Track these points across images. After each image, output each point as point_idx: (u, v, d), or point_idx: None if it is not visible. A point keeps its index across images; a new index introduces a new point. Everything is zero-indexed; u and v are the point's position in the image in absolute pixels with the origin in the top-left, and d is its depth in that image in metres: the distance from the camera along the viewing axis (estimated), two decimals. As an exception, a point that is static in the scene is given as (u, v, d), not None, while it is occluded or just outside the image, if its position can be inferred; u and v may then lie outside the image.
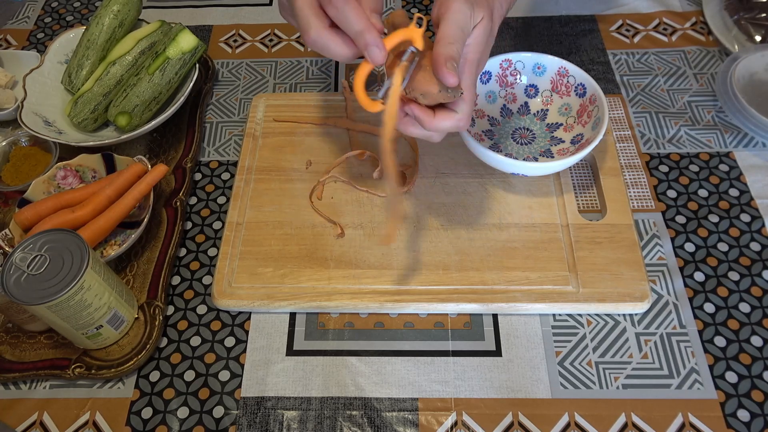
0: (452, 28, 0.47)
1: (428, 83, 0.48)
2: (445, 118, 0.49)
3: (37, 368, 0.58)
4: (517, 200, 0.66)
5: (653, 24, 0.84)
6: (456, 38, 0.47)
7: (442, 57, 0.46)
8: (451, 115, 0.49)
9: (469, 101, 0.50)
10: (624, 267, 0.60)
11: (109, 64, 0.72)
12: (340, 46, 0.47)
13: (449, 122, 0.49)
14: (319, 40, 0.47)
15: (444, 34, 0.47)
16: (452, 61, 0.46)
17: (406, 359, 0.58)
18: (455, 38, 0.47)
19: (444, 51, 0.47)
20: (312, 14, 0.46)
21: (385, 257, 0.63)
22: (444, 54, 0.46)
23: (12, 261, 0.52)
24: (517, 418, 0.55)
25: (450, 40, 0.47)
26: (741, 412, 0.54)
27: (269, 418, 0.55)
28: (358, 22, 0.45)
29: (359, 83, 0.48)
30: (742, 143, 0.71)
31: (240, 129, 0.76)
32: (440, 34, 0.48)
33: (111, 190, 0.63)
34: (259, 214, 0.67)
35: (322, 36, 0.47)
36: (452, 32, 0.47)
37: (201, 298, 0.63)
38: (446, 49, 0.47)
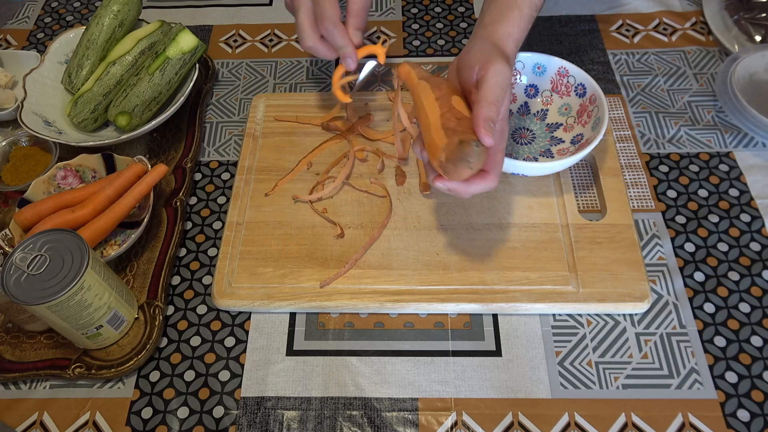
0: (494, 90, 0.50)
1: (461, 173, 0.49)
2: (478, 182, 0.51)
3: (37, 368, 0.58)
4: (517, 200, 0.66)
5: (653, 24, 0.84)
6: (497, 99, 0.50)
7: (481, 118, 0.48)
8: (484, 177, 0.51)
9: (501, 162, 0.52)
10: (624, 267, 0.60)
11: (109, 64, 0.72)
12: (327, 52, 0.65)
13: (482, 185, 0.51)
14: (313, 47, 0.65)
15: (485, 96, 0.50)
16: (491, 122, 0.48)
17: (406, 359, 0.58)
18: (496, 99, 0.50)
19: (484, 112, 0.49)
20: (309, 28, 0.63)
21: (385, 257, 0.63)
22: (484, 115, 0.48)
23: (12, 261, 0.52)
24: (517, 418, 0.55)
25: (491, 101, 0.49)
26: (741, 412, 0.54)
27: (269, 418, 0.55)
28: (341, 39, 0.62)
29: (336, 79, 0.66)
30: (742, 143, 0.71)
31: (240, 129, 0.77)
32: (482, 94, 0.50)
33: (111, 190, 0.63)
34: (259, 214, 0.67)
35: (315, 45, 0.64)
36: (493, 94, 0.50)
37: (201, 298, 0.63)
38: (486, 111, 0.49)
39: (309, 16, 0.63)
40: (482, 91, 0.50)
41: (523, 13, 0.57)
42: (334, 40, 0.62)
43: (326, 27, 0.61)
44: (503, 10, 0.57)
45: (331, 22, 0.61)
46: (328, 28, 0.61)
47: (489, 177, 0.51)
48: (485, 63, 0.51)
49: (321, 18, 0.61)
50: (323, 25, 0.61)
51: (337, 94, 0.66)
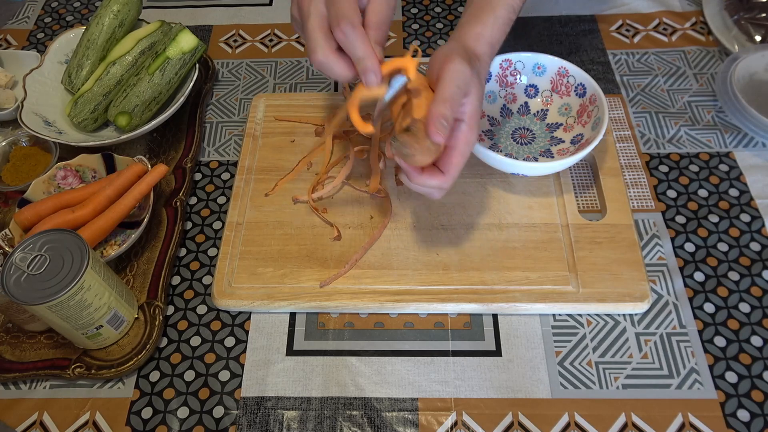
0: (450, 88, 0.49)
1: (414, 147, 0.49)
2: (431, 177, 0.51)
3: (37, 368, 0.58)
4: (517, 200, 0.66)
5: (653, 24, 0.84)
6: (452, 97, 0.48)
7: (434, 115, 0.48)
8: (436, 174, 0.51)
9: (459, 164, 0.51)
10: (624, 267, 0.60)
11: (109, 64, 0.72)
12: (343, 69, 0.50)
13: (435, 181, 0.51)
14: (325, 62, 0.50)
15: (439, 93, 0.49)
16: (443, 121, 0.48)
17: (406, 359, 0.58)
18: (451, 97, 0.48)
19: (437, 109, 0.48)
20: (321, 37, 0.49)
21: (385, 257, 0.63)
22: (436, 112, 0.47)
23: (12, 261, 0.52)
24: (517, 418, 0.55)
25: (445, 98, 0.48)
26: (741, 412, 0.54)
27: (269, 418, 0.55)
28: (361, 48, 0.48)
29: (354, 105, 0.51)
30: (742, 143, 0.71)
31: (240, 129, 0.77)
32: (437, 92, 0.49)
33: (111, 190, 0.63)
34: (259, 214, 0.67)
35: (328, 59, 0.50)
36: (449, 91, 0.48)
37: (201, 298, 0.63)
38: (440, 108, 0.48)
39: (321, 23, 0.49)
40: (438, 89, 0.49)
41: (497, 15, 0.57)
42: (354, 48, 0.48)
43: (343, 30, 0.48)
44: (477, 12, 0.57)
45: (349, 23, 0.47)
46: (346, 31, 0.48)
47: (442, 177, 0.51)
48: (443, 61, 0.50)
49: (337, 19, 0.48)
50: (339, 27, 0.48)
51: (355, 121, 0.51)
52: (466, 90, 0.50)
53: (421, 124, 0.49)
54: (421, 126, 0.49)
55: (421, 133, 0.49)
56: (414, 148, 0.49)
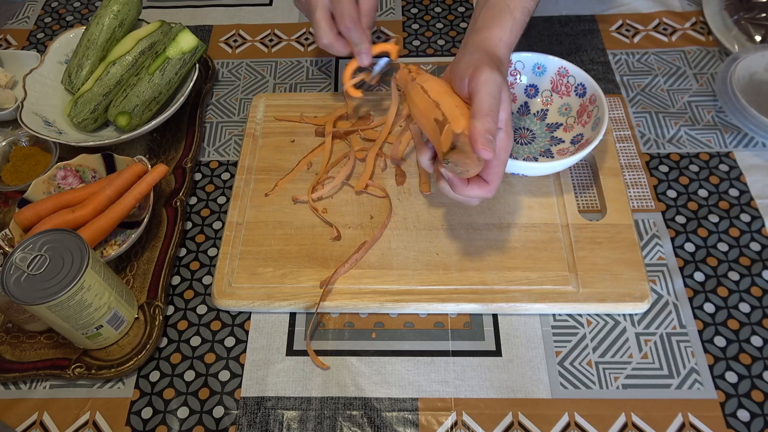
0: (488, 100, 0.49)
1: (466, 163, 0.50)
2: (477, 188, 0.52)
3: (37, 368, 0.58)
4: (517, 200, 0.66)
5: (653, 24, 0.84)
6: (491, 109, 0.49)
7: (478, 132, 0.48)
8: (482, 185, 0.52)
9: (501, 173, 0.52)
10: (624, 267, 0.60)
11: (109, 64, 0.72)
12: (342, 48, 0.67)
13: (480, 191, 0.52)
14: (329, 45, 0.67)
15: (479, 108, 0.49)
16: (489, 135, 0.48)
17: (406, 359, 0.58)
18: (490, 109, 0.49)
19: (480, 126, 0.48)
20: (327, 26, 0.66)
21: (385, 257, 0.63)
22: (480, 129, 0.48)
23: (12, 261, 0.52)
24: (517, 418, 0.55)
25: (485, 112, 0.48)
26: (741, 412, 0.54)
27: (269, 418, 0.55)
28: (358, 36, 0.65)
29: (347, 76, 0.69)
30: (742, 143, 0.71)
31: (240, 129, 0.77)
32: (475, 107, 0.49)
33: (111, 190, 0.63)
34: (259, 214, 0.67)
35: (332, 42, 0.67)
36: (487, 104, 0.49)
37: (201, 298, 0.63)
38: (482, 124, 0.48)
39: (326, 14, 0.65)
40: (475, 104, 0.49)
41: (515, 18, 0.57)
42: (352, 37, 0.65)
43: (347, 25, 0.64)
44: (495, 15, 0.57)
45: (351, 20, 0.64)
46: (349, 26, 0.64)
47: (487, 187, 0.52)
48: (474, 73, 0.51)
49: (341, 17, 0.64)
50: (344, 23, 0.64)
51: (348, 89, 0.69)
52: (501, 98, 0.50)
53: (466, 138, 0.48)
54: (467, 140, 0.48)
55: (468, 147, 0.49)
56: (466, 164, 0.50)
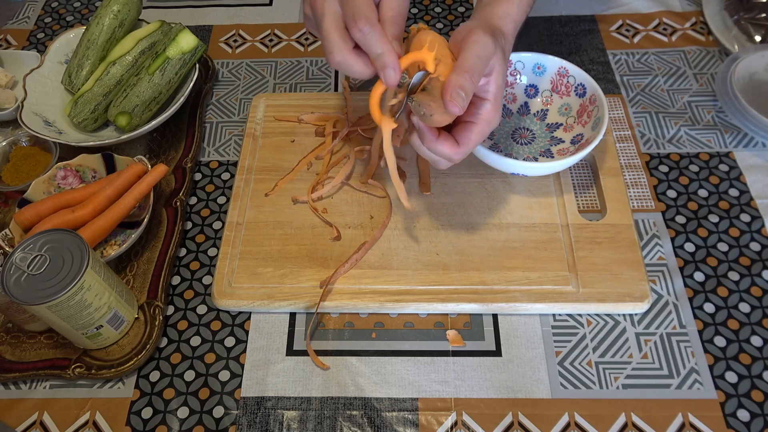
0: (471, 59, 0.48)
1: (431, 106, 0.48)
2: (447, 145, 0.50)
3: (37, 368, 0.58)
4: (517, 200, 0.66)
5: (653, 24, 0.84)
6: (472, 68, 0.47)
7: (451, 84, 0.46)
8: (452, 144, 0.50)
9: (476, 141, 0.50)
10: (624, 267, 0.60)
11: (109, 64, 0.72)
12: (361, 67, 0.49)
13: (449, 151, 0.50)
14: (343, 62, 0.49)
15: (460, 63, 0.48)
16: (460, 90, 0.46)
17: (406, 359, 0.58)
18: (471, 68, 0.47)
19: (455, 79, 0.47)
20: (338, 37, 0.49)
21: (385, 257, 0.63)
22: (455, 82, 0.46)
23: (12, 261, 0.52)
24: (517, 418, 0.55)
25: (465, 69, 0.47)
26: (741, 412, 0.54)
27: (269, 418, 0.55)
28: (379, 44, 0.47)
29: (374, 101, 0.51)
30: (742, 143, 0.71)
31: (240, 129, 0.77)
32: (458, 62, 0.48)
33: (111, 190, 0.63)
34: (259, 214, 0.67)
35: (346, 59, 0.49)
36: (470, 62, 0.47)
37: (201, 298, 0.63)
38: (458, 78, 0.47)
39: (338, 24, 0.49)
40: (459, 59, 0.48)
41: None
42: (371, 45, 0.48)
43: (361, 28, 0.47)
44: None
45: (367, 21, 0.47)
46: (364, 30, 0.47)
47: (456, 148, 0.50)
48: (467, 35, 0.49)
49: (354, 18, 0.47)
50: (357, 26, 0.47)
51: (375, 116, 0.52)
52: (488, 63, 0.49)
53: (438, 83, 0.47)
54: (438, 85, 0.47)
55: (437, 91, 0.47)
56: (431, 107, 0.47)
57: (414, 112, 0.49)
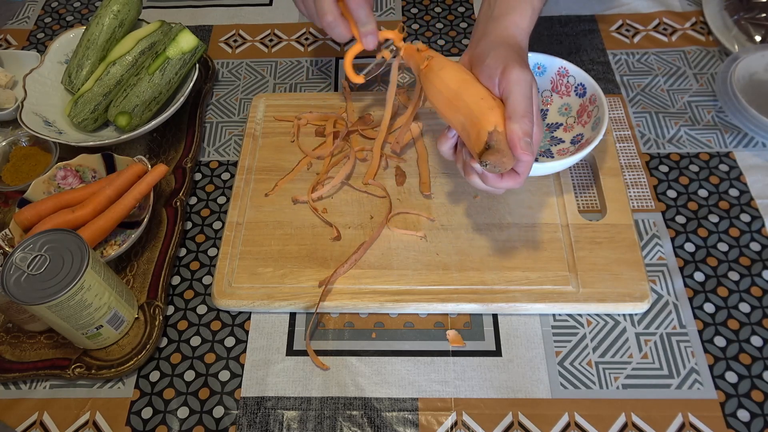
0: (522, 102, 0.49)
1: (503, 162, 0.49)
2: (510, 180, 0.52)
3: (37, 368, 0.58)
4: (517, 200, 0.66)
5: (653, 24, 0.84)
6: (527, 111, 0.49)
7: (517, 136, 0.48)
8: (514, 177, 0.52)
9: (531, 163, 0.51)
10: (624, 267, 0.60)
11: (109, 64, 0.72)
12: (344, 30, 0.61)
13: (512, 183, 0.52)
14: (333, 23, 0.60)
15: (515, 110, 0.49)
16: (527, 138, 0.48)
17: (406, 359, 0.58)
18: (526, 111, 0.49)
19: (518, 129, 0.48)
20: (330, 2, 0.60)
21: (385, 257, 0.63)
22: (518, 132, 0.48)
23: (12, 261, 0.52)
24: (517, 418, 0.55)
25: (522, 114, 0.49)
26: (741, 412, 0.54)
27: (269, 418, 0.55)
28: (366, 17, 0.60)
29: (349, 59, 0.64)
30: (742, 143, 0.71)
31: (240, 129, 0.77)
32: (511, 109, 0.49)
33: (111, 190, 0.63)
34: (259, 214, 0.67)
35: (337, 21, 0.60)
36: (523, 106, 0.49)
37: (201, 298, 0.63)
38: (520, 126, 0.48)
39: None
40: (510, 106, 0.49)
41: (534, 6, 0.57)
42: (359, 18, 0.60)
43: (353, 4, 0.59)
44: (514, 3, 0.57)
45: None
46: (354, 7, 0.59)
47: (518, 178, 0.51)
48: (505, 72, 0.50)
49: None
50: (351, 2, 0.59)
51: (348, 72, 0.64)
52: (532, 97, 0.51)
53: (501, 136, 0.49)
54: (502, 138, 0.49)
55: (503, 144, 0.48)
56: (503, 163, 0.49)
57: (489, 172, 0.51)
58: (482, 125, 0.49)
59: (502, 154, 0.48)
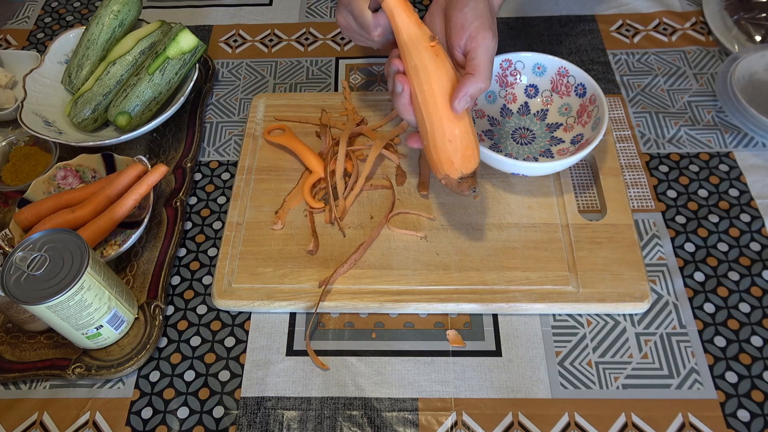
0: (487, 66, 0.53)
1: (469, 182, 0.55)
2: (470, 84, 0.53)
3: (37, 368, 0.58)
4: (517, 200, 0.66)
5: (653, 24, 0.84)
6: (488, 74, 0.53)
7: (463, 92, 0.52)
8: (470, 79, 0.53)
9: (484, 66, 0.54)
10: (624, 267, 0.60)
11: (109, 64, 0.72)
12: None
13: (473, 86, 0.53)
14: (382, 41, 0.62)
15: (479, 70, 0.52)
16: (471, 98, 0.52)
17: (406, 359, 0.58)
18: (488, 75, 0.53)
19: (470, 89, 0.52)
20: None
21: (385, 257, 0.63)
22: (467, 91, 0.52)
23: (12, 261, 0.52)
24: (517, 418, 0.55)
25: (484, 77, 0.52)
26: (741, 412, 0.54)
27: (269, 418, 0.55)
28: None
29: (306, 189, 0.66)
30: (742, 143, 0.71)
31: (240, 129, 0.77)
32: (474, 66, 0.52)
33: (111, 190, 0.63)
34: (259, 214, 0.67)
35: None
36: (485, 68, 0.53)
37: (201, 298, 0.63)
38: (473, 87, 0.52)
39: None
40: (475, 65, 0.53)
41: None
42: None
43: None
44: None
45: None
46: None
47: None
48: (478, 31, 0.53)
49: None
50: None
51: (309, 201, 0.66)
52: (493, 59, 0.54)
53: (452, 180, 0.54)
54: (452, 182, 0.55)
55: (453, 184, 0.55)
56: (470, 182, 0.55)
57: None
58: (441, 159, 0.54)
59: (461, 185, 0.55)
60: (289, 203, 0.67)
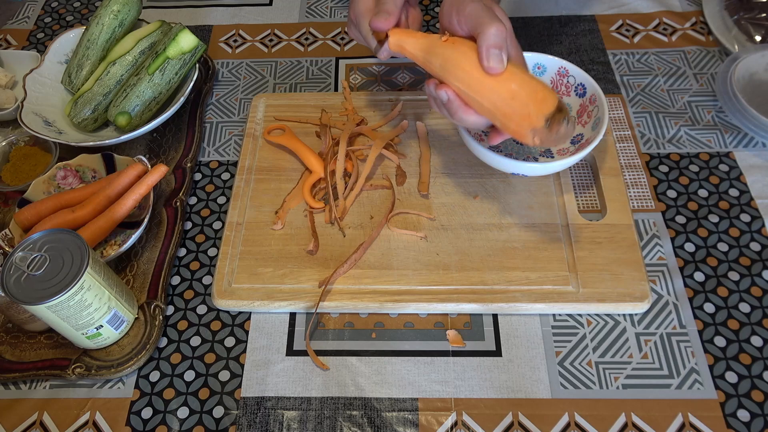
0: (489, 15, 0.51)
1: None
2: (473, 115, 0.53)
3: (37, 368, 0.58)
4: (517, 200, 0.66)
5: (653, 24, 0.84)
6: (494, 18, 0.51)
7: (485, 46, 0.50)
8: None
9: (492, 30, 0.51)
10: (624, 267, 0.60)
11: (109, 64, 0.72)
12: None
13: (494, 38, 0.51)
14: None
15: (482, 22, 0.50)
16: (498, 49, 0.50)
17: (406, 359, 0.58)
18: (493, 18, 0.50)
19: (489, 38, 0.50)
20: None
21: (385, 257, 0.63)
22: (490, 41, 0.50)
23: (12, 261, 0.52)
24: (517, 418, 0.55)
25: (491, 22, 0.50)
26: (741, 412, 0.54)
27: (269, 418, 0.55)
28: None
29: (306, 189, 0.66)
30: (742, 143, 0.71)
31: (240, 129, 0.77)
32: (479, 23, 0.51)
33: (111, 190, 0.63)
34: (259, 214, 0.67)
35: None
36: (489, 17, 0.50)
37: (201, 298, 0.63)
38: (490, 34, 0.50)
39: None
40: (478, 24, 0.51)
41: None
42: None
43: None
44: None
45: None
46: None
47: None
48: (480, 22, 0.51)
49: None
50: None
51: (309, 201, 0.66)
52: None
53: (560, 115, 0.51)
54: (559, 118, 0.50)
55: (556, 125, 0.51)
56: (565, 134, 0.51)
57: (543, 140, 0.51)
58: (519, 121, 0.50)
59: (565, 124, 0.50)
60: (289, 203, 0.67)
